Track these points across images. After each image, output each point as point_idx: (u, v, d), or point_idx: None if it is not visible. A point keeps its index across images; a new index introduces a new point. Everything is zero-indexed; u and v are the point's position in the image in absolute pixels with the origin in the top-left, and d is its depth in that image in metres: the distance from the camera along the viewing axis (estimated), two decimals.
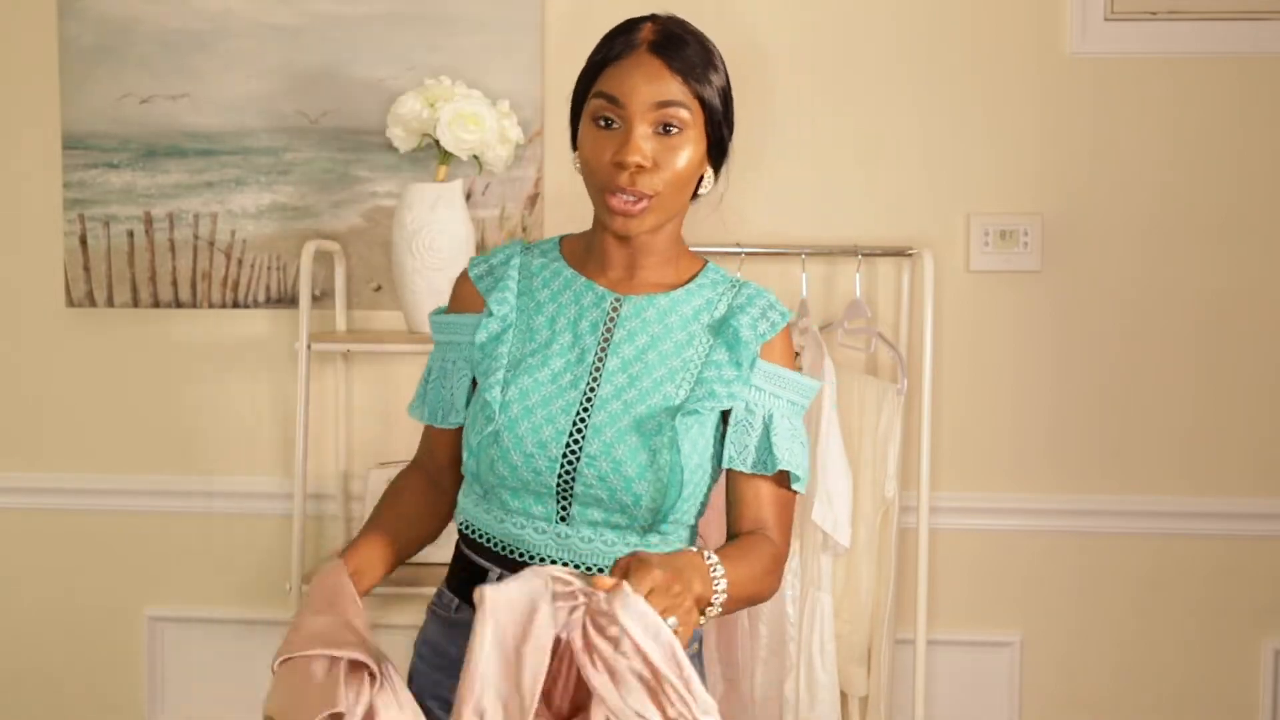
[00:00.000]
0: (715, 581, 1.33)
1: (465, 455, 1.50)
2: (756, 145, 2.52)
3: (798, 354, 2.39)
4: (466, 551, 1.56)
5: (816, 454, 2.29)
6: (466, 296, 1.58)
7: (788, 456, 1.49)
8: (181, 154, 2.56)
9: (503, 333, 1.52)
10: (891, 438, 2.40)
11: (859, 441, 2.42)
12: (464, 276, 1.59)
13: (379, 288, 2.55)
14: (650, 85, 1.43)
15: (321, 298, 2.55)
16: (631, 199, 1.43)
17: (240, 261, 2.57)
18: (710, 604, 1.32)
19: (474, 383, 1.54)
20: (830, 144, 2.52)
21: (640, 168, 1.42)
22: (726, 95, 1.50)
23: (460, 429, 1.57)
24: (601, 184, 1.45)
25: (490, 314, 1.52)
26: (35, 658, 2.68)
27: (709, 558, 1.34)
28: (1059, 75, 2.48)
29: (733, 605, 1.38)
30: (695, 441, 1.46)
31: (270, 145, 2.54)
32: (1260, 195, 2.49)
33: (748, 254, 2.44)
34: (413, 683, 1.58)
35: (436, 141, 2.30)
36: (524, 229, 2.53)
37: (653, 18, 1.49)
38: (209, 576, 2.65)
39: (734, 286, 1.56)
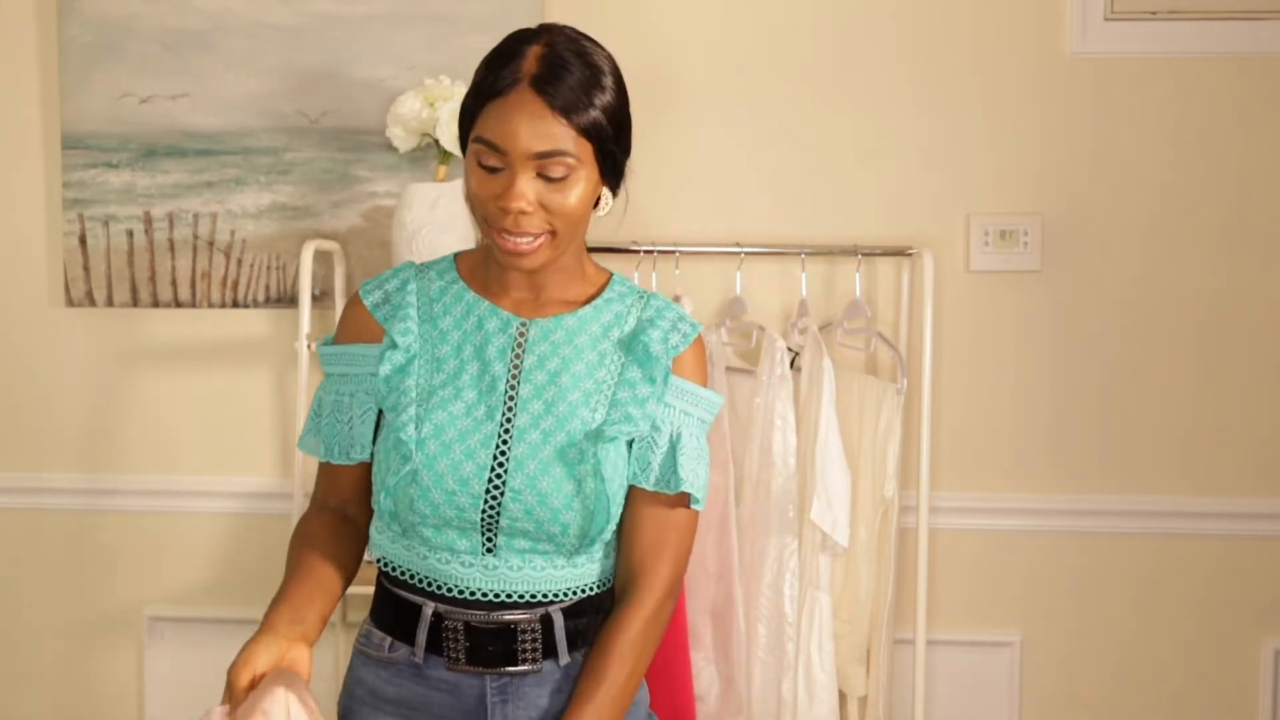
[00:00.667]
0: None
1: (380, 495, 1.46)
2: (756, 145, 2.52)
3: (796, 354, 2.39)
4: (392, 589, 1.52)
5: (815, 453, 2.29)
6: (361, 324, 1.52)
7: (691, 478, 1.46)
8: (181, 154, 2.56)
9: (408, 364, 1.47)
10: (891, 438, 2.40)
11: (859, 441, 2.42)
12: (356, 303, 1.54)
13: None
14: (530, 129, 1.37)
15: (321, 297, 2.55)
16: (523, 239, 1.40)
17: (240, 261, 2.57)
18: None
19: (379, 416, 1.50)
20: (830, 144, 2.52)
21: (524, 213, 1.39)
22: (617, 114, 1.44)
23: (363, 464, 1.53)
24: (487, 218, 1.42)
25: (394, 345, 1.47)
26: (35, 658, 2.68)
27: None
28: (1059, 75, 2.48)
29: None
30: (615, 464, 1.44)
31: (270, 145, 2.54)
32: (1260, 195, 2.48)
33: (748, 254, 2.44)
34: None
35: (436, 141, 2.30)
36: None
37: (542, 35, 1.43)
38: (209, 576, 2.65)
39: (641, 299, 1.53)
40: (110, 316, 2.61)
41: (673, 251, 2.42)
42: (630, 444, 1.47)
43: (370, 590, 2.34)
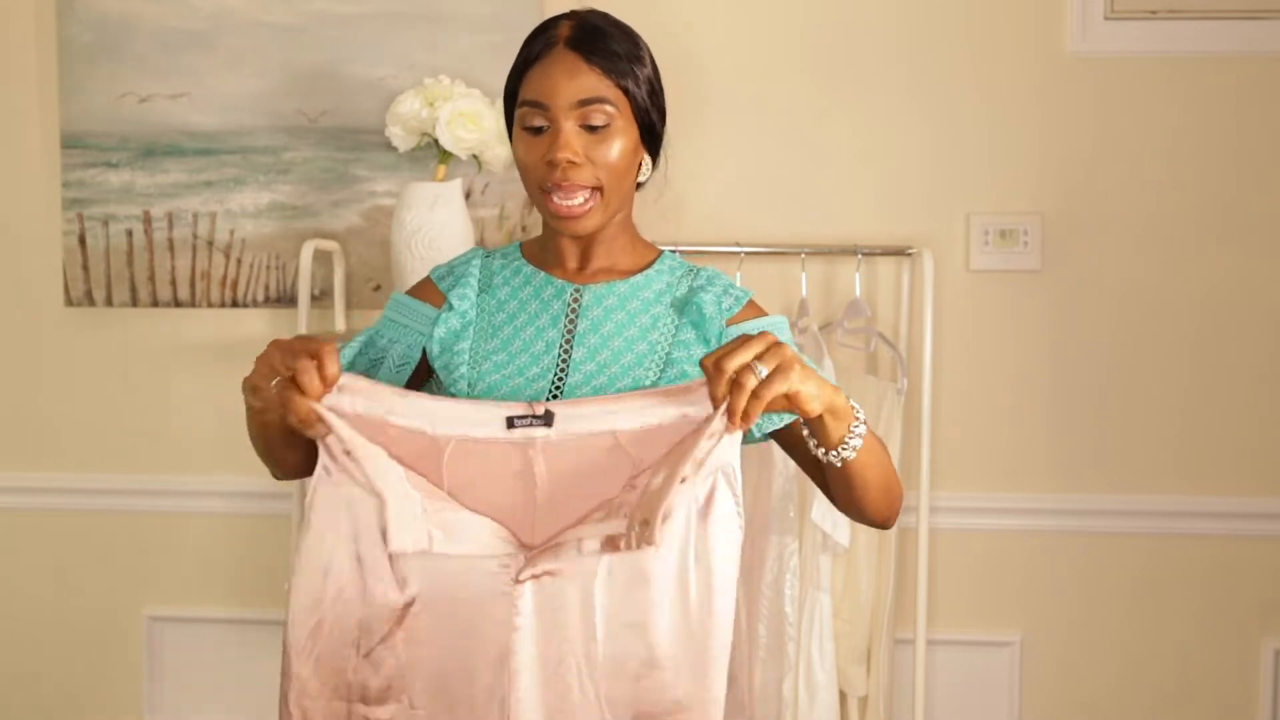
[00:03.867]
0: (856, 413, 1.32)
1: None
2: (756, 145, 2.52)
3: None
4: None
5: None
6: (427, 292, 1.58)
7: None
8: (180, 153, 2.56)
9: (463, 329, 1.51)
10: (891, 438, 2.40)
11: None
12: (427, 280, 1.60)
13: (378, 287, 2.55)
14: (570, 83, 1.43)
15: (321, 297, 2.55)
16: (574, 201, 1.44)
17: (239, 261, 2.57)
18: (845, 438, 1.31)
19: (419, 374, 1.54)
20: (830, 144, 2.52)
21: (572, 163, 1.43)
22: (653, 84, 1.50)
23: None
24: (537, 182, 1.46)
25: (451, 308, 1.52)
26: (35, 658, 2.68)
27: (854, 403, 1.34)
28: (1059, 75, 2.48)
29: (872, 465, 1.37)
30: None
31: (269, 144, 2.54)
32: (1260, 195, 2.48)
33: (748, 254, 2.44)
34: None
35: (436, 141, 2.30)
36: (523, 228, 2.53)
37: (572, 13, 1.49)
38: (208, 576, 2.65)
39: (691, 272, 1.57)
40: (109, 316, 2.61)
41: (673, 251, 2.42)
42: None
43: None
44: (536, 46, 1.47)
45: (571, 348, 1.49)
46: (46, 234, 2.61)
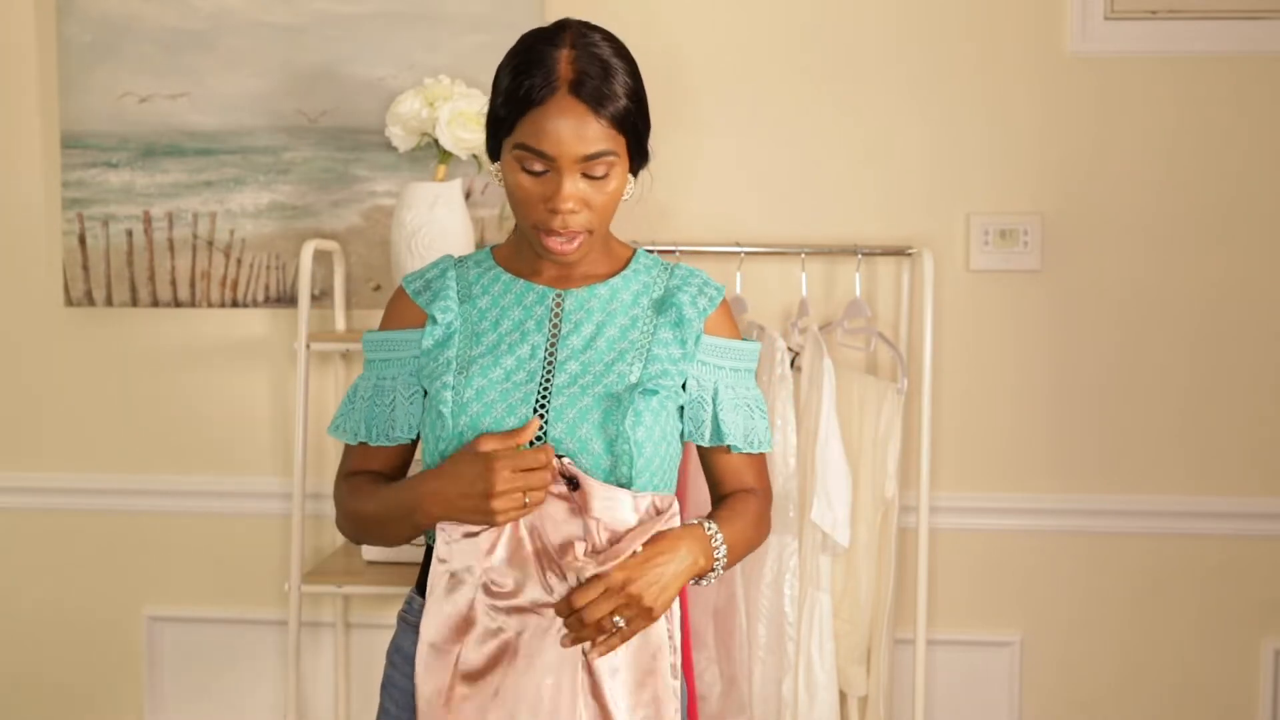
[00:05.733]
0: (716, 549, 1.48)
1: (433, 464, 1.51)
2: (756, 145, 2.52)
3: (796, 354, 2.39)
4: None
5: (815, 453, 2.29)
6: (405, 313, 1.59)
7: (732, 429, 1.56)
8: (180, 153, 2.55)
9: (448, 339, 1.53)
10: (891, 438, 2.40)
11: (859, 441, 2.41)
12: (400, 294, 1.60)
13: (378, 287, 2.55)
14: (577, 139, 1.42)
15: (321, 297, 2.54)
16: (567, 240, 1.47)
17: (239, 261, 2.57)
18: (711, 569, 1.49)
19: (425, 395, 1.55)
20: (830, 144, 2.52)
21: (573, 212, 1.45)
22: (641, 97, 1.49)
23: (402, 446, 1.59)
24: (535, 223, 1.48)
25: (434, 322, 1.53)
26: (35, 658, 2.68)
27: (709, 528, 1.49)
28: (1059, 75, 2.48)
29: (733, 561, 1.53)
30: (657, 414, 1.49)
31: (269, 144, 2.54)
32: (1260, 195, 2.48)
33: (748, 254, 2.44)
34: (386, 692, 1.57)
35: (435, 141, 2.30)
36: None
37: (564, 35, 1.46)
38: (208, 576, 2.65)
39: (666, 269, 1.61)
40: (110, 316, 2.61)
41: (673, 251, 2.42)
42: (681, 408, 1.55)
43: (378, 590, 2.34)
44: (537, 85, 1.42)
45: (556, 351, 1.51)
46: (46, 234, 2.61)
